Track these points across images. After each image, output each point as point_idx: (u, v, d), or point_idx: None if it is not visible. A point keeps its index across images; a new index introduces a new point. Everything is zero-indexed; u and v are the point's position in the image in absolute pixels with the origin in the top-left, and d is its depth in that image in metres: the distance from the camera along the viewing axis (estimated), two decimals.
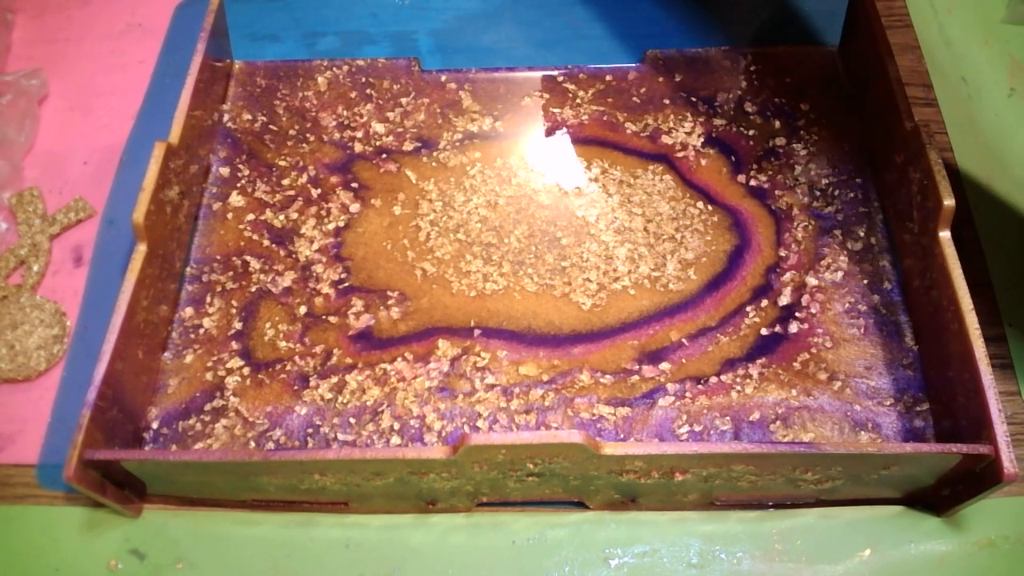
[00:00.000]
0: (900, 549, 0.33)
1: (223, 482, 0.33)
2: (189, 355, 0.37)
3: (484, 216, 0.41)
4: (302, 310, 0.39)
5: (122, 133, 0.45)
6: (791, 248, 0.40)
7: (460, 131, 0.44)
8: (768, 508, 0.34)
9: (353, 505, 0.34)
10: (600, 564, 0.33)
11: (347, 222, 0.41)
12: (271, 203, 0.42)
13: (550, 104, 0.45)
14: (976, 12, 0.50)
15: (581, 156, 0.43)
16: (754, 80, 0.46)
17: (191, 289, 0.39)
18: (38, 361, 0.38)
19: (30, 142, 0.45)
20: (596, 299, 0.39)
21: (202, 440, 0.35)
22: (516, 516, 0.35)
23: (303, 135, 0.44)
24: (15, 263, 0.41)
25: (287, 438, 0.35)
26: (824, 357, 0.37)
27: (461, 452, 0.29)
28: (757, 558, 0.33)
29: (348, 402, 0.36)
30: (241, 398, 0.36)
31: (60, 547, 0.34)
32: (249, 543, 0.34)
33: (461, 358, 0.37)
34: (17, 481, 0.36)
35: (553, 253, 0.40)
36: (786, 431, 0.35)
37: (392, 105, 0.45)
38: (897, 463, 0.31)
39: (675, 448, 0.30)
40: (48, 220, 0.42)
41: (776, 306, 0.39)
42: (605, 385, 0.37)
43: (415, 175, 0.43)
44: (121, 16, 0.50)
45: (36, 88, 0.46)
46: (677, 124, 0.44)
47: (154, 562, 0.34)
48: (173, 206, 0.38)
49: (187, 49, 0.43)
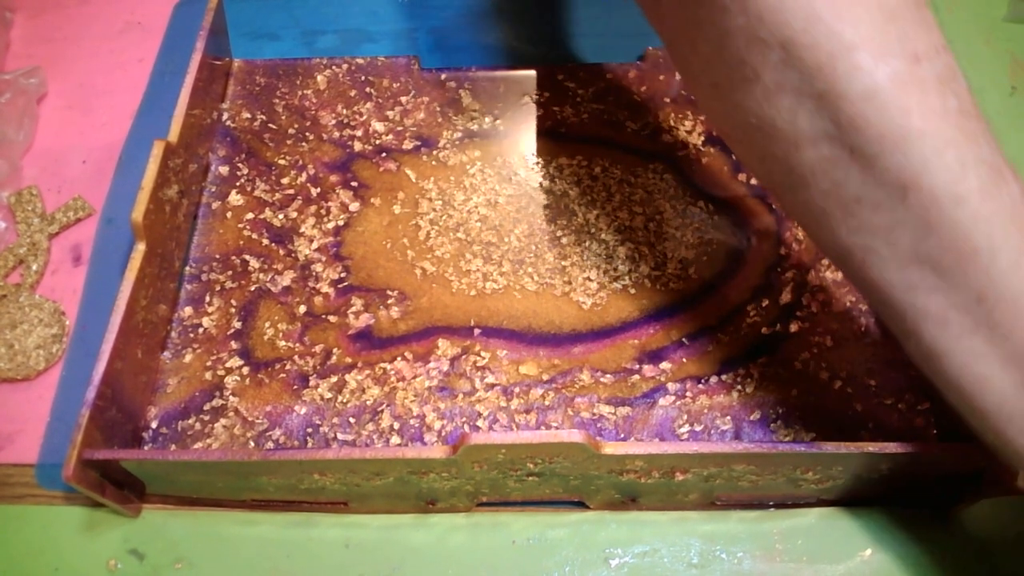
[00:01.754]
0: (901, 549, 0.33)
1: (222, 482, 0.33)
2: (188, 354, 0.37)
3: (484, 215, 0.41)
4: (301, 309, 0.39)
5: (121, 132, 0.45)
6: (792, 247, 0.40)
7: (460, 129, 0.44)
8: (769, 508, 0.34)
9: (353, 505, 0.34)
10: (600, 564, 0.33)
11: (347, 221, 0.41)
12: (270, 202, 0.42)
13: (550, 102, 0.45)
14: (977, 10, 0.50)
15: (581, 155, 0.43)
16: None
17: (190, 288, 0.39)
18: (37, 360, 0.38)
19: (29, 141, 0.45)
20: (596, 298, 0.39)
21: (201, 440, 0.35)
22: (516, 516, 0.34)
23: (302, 134, 0.44)
24: (14, 262, 0.41)
25: (286, 438, 0.35)
26: (825, 356, 0.37)
27: (461, 452, 0.29)
28: (758, 558, 0.33)
29: (348, 402, 0.36)
30: (240, 398, 0.36)
31: (59, 547, 0.34)
32: (249, 543, 0.34)
33: (461, 357, 0.37)
34: (16, 481, 0.36)
35: (553, 252, 0.40)
36: (787, 430, 0.35)
37: (392, 104, 0.45)
38: (898, 462, 0.31)
39: (676, 448, 0.29)
40: (47, 219, 0.42)
41: (777, 305, 0.39)
42: (605, 384, 0.37)
43: (415, 174, 0.43)
44: (120, 15, 0.50)
45: (35, 87, 0.46)
46: (678, 123, 0.44)
47: (153, 562, 0.33)
48: (172, 205, 0.38)
49: (186, 48, 0.43)
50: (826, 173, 0.25)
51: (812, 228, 0.27)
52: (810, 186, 0.25)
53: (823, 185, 0.25)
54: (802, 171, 0.25)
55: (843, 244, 0.26)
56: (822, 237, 0.27)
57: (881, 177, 0.24)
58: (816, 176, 0.25)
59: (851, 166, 0.24)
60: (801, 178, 0.26)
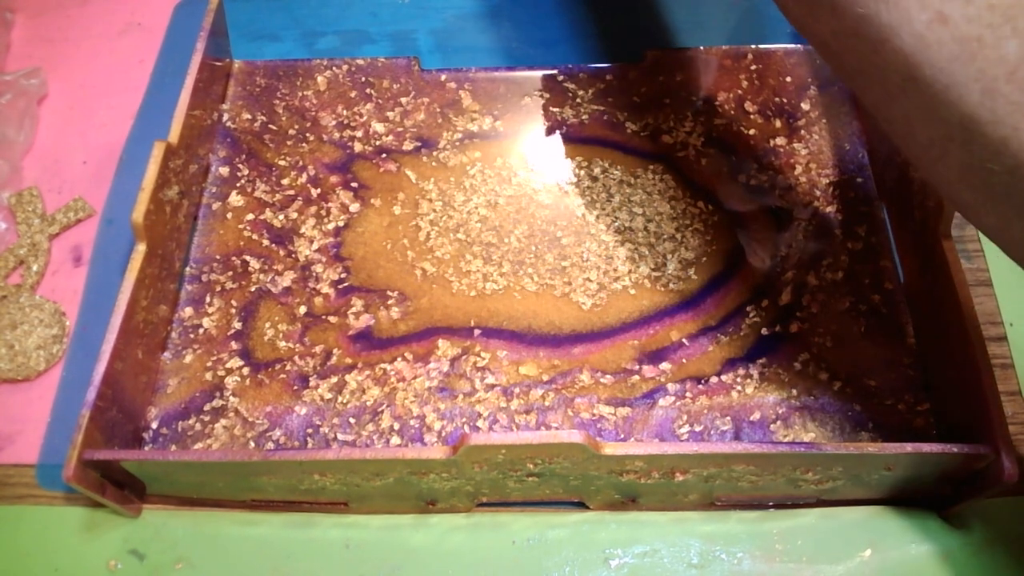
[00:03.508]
0: (901, 549, 0.33)
1: (223, 482, 0.33)
2: (188, 355, 0.37)
3: (484, 216, 0.41)
4: (302, 310, 0.39)
5: (121, 133, 0.45)
6: (792, 247, 0.40)
7: (460, 130, 0.44)
8: (769, 508, 0.34)
9: (353, 505, 0.34)
10: (600, 564, 0.33)
11: (347, 222, 0.41)
12: (271, 203, 0.42)
13: (550, 103, 0.45)
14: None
15: (581, 156, 0.43)
16: (755, 79, 0.45)
17: (190, 289, 0.39)
18: (37, 361, 0.38)
19: (29, 142, 0.45)
20: (596, 299, 0.39)
21: (202, 440, 0.35)
22: (516, 516, 0.35)
23: (303, 135, 0.44)
24: (14, 263, 0.41)
25: (287, 438, 0.35)
26: (825, 357, 0.37)
27: (461, 452, 0.29)
28: (758, 558, 0.33)
29: (348, 402, 0.36)
30: (241, 398, 0.36)
31: (59, 547, 0.34)
32: (249, 543, 0.34)
33: (461, 358, 0.37)
34: (16, 481, 0.36)
35: (553, 253, 0.40)
36: (787, 431, 0.35)
37: (392, 104, 0.45)
38: (898, 463, 0.31)
39: (675, 448, 0.30)
40: (47, 220, 0.42)
41: (777, 306, 0.39)
42: (605, 385, 0.37)
43: (415, 175, 0.43)
44: (120, 15, 0.50)
45: (35, 87, 0.46)
46: (678, 123, 0.44)
47: (154, 562, 0.34)
48: (172, 206, 0.38)
49: (186, 48, 0.43)
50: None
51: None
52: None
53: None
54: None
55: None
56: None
57: None
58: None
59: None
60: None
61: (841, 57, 0.27)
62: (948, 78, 0.23)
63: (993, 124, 0.23)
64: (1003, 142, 0.23)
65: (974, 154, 0.24)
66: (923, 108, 0.25)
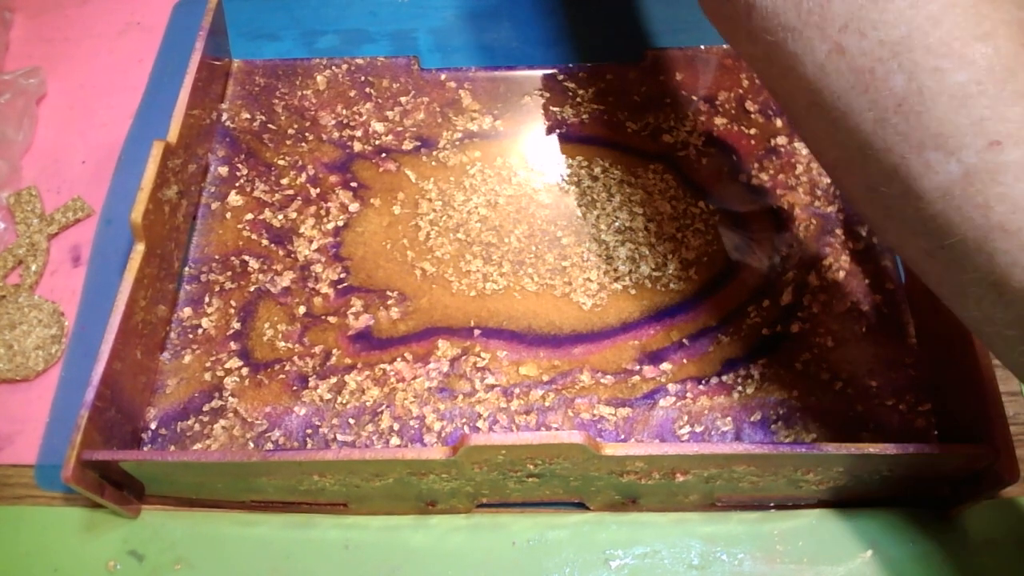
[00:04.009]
0: (901, 550, 0.33)
1: (222, 483, 0.33)
2: (187, 355, 0.37)
3: (484, 215, 0.41)
4: (301, 310, 0.39)
5: (120, 132, 0.45)
6: (792, 247, 0.40)
7: (460, 130, 0.44)
8: (769, 509, 0.34)
9: (352, 506, 0.34)
10: (600, 565, 0.33)
11: (346, 222, 0.41)
12: (270, 202, 0.42)
13: (550, 103, 0.45)
14: None
15: (581, 155, 0.43)
16: (755, 78, 0.45)
17: (189, 289, 0.39)
18: (36, 361, 0.38)
19: (28, 141, 0.45)
20: (597, 299, 0.39)
21: (201, 441, 0.35)
22: (516, 517, 0.34)
23: (302, 134, 0.44)
24: (13, 263, 0.41)
25: (286, 439, 0.35)
26: (826, 357, 0.37)
27: (461, 453, 0.29)
28: (758, 559, 0.33)
29: (347, 402, 0.36)
30: (240, 398, 0.36)
31: (58, 548, 0.34)
32: (248, 544, 0.34)
33: (461, 358, 0.37)
34: (15, 482, 0.36)
35: (553, 253, 0.40)
36: (787, 432, 0.35)
37: (391, 104, 0.45)
38: (898, 464, 0.31)
39: (676, 449, 0.29)
40: (46, 219, 0.42)
41: (777, 306, 0.38)
42: (606, 385, 0.36)
43: (415, 174, 0.43)
44: (120, 15, 0.50)
45: (34, 87, 0.46)
46: (678, 123, 0.44)
47: (153, 563, 0.33)
48: (171, 205, 0.38)
49: (185, 48, 0.43)
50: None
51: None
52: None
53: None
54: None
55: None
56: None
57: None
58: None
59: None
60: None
61: (761, 78, 0.29)
62: (846, 106, 0.25)
63: (885, 151, 0.24)
64: (893, 169, 0.24)
65: (871, 177, 0.25)
66: (826, 132, 0.26)
